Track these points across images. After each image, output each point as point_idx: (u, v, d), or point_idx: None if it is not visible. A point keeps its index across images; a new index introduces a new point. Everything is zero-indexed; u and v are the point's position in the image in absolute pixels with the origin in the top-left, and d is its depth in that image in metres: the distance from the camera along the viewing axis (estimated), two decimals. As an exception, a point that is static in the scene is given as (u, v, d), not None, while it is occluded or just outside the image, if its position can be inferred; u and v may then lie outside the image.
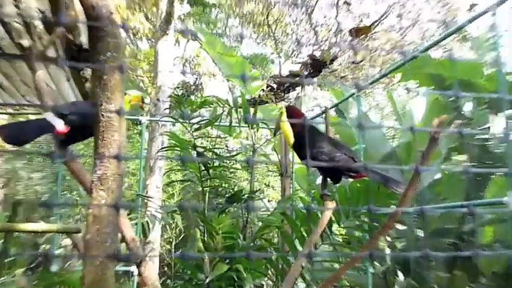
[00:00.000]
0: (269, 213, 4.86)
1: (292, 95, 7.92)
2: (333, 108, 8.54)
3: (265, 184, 12.88)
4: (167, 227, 10.59)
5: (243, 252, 4.15)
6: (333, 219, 4.07)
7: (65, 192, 9.60)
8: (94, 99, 2.45)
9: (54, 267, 6.88)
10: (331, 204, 3.27)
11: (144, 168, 7.86)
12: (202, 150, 4.46)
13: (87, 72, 3.87)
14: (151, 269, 8.04)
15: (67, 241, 9.22)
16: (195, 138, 4.49)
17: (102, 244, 2.33)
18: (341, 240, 5.38)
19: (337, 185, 3.48)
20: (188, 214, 5.58)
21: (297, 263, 3.26)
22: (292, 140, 3.28)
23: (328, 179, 3.32)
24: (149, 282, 3.01)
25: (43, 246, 9.74)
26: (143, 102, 3.80)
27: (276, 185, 12.26)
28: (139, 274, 3.01)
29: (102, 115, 2.39)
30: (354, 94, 6.33)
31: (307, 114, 9.38)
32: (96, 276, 2.28)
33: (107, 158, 2.36)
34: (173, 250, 10.76)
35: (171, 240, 10.65)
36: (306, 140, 3.18)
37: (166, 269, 10.80)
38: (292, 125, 3.27)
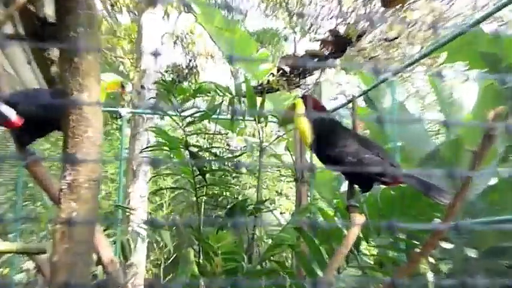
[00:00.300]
0: (281, 228, 4.86)
1: (310, 80, 7.91)
2: (361, 97, 8.52)
3: (276, 192, 12.89)
4: (154, 245, 10.63)
5: (248, 277, 4.16)
6: (361, 236, 4.06)
7: (26, 203, 9.65)
8: (62, 86, 2.45)
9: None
10: (359, 218, 3.26)
11: (125, 172, 7.89)
12: (197, 150, 4.46)
13: (54, 53, 3.87)
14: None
15: (29, 264, 9.27)
16: (187, 135, 4.50)
17: (72, 267, 2.33)
18: (371, 262, 5.38)
19: (367, 193, 3.47)
20: (180, 230, 5.59)
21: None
22: (310, 137, 3.28)
23: (356, 186, 3.31)
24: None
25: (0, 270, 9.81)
26: (123, 89, 3.81)
27: (290, 193, 12.26)
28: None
29: (73, 106, 2.39)
30: (387, 79, 6.31)
31: (329, 105, 9.38)
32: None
33: (79, 161, 2.36)
34: (161, 275, 10.80)
35: (159, 262, 10.68)
36: (326, 137, 3.18)
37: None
38: (309, 118, 3.26)
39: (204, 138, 11.88)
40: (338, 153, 3.13)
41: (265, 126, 5.92)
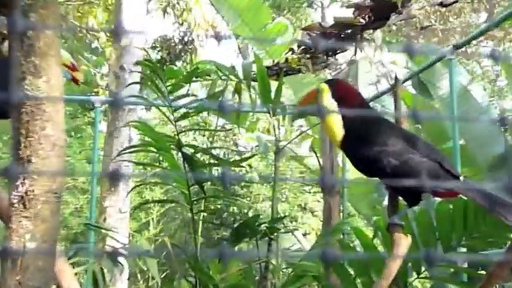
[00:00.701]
0: (304, 253, 4.86)
1: (343, 58, 7.90)
2: (410, 81, 8.49)
3: (298, 206, 12.91)
4: (138, 277, 10.69)
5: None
6: (409, 265, 4.05)
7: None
8: (12, 69, 2.47)
9: None
10: (404, 241, 3.25)
11: (99, 181, 7.92)
12: (193, 151, 4.47)
13: (2, 27, 3.90)
14: None
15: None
16: (180, 132, 4.51)
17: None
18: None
19: (416, 208, 3.47)
20: (171, 257, 5.61)
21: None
22: (340, 134, 3.27)
23: (400, 198, 3.31)
24: None
25: None
26: (73, 68, 3.81)
27: (317, 207, 12.28)
28: None
29: (27, 95, 2.40)
30: (444, 57, 6.28)
31: (367, 92, 9.38)
32: None
33: (34, 167, 2.37)
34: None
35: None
36: (361, 133, 3.18)
37: None
38: (338, 109, 3.26)
39: (204, 136, 11.94)
40: (377, 154, 3.13)
41: (283, 120, 5.91)
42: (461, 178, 3.26)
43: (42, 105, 2.41)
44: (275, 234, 5.02)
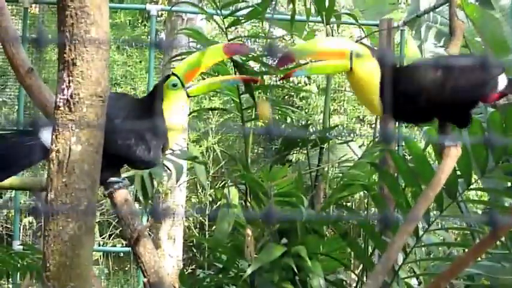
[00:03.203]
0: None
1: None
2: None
3: (357, 118, 12.82)
4: (197, 184, 10.83)
5: (309, 227, 4.20)
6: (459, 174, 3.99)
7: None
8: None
9: (16, 244, 7.26)
10: (454, 151, 3.21)
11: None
12: (244, 59, 4.44)
13: None
14: (175, 248, 8.31)
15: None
16: (231, 40, 4.48)
17: (73, 208, 2.39)
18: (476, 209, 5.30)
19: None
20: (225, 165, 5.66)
21: (395, 244, 3.25)
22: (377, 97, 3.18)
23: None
24: (151, 270, 3.10)
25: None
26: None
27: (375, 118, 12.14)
28: (137, 256, 3.11)
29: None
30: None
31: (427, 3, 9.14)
32: (63, 259, 2.36)
33: (78, 69, 2.37)
34: (206, 223, 11.05)
35: (201, 206, 10.90)
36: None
37: (195, 251, 11.15)
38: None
39: (263, 46, 11.81)
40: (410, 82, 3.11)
41: (338, 29, 5.81)
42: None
43: (86, 7, 2.39)
44: (326, 144, 5.01)
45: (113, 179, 3.22)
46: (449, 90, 3.05)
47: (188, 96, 3.33)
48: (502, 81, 3.16)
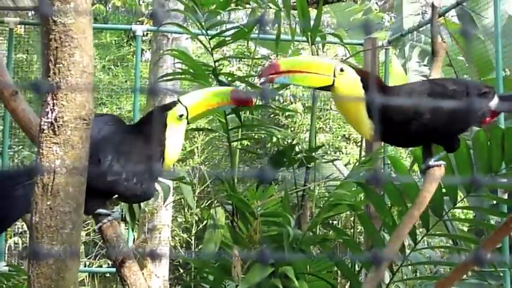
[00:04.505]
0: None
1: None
2: (454, 10, 8.29)
3: (342, 136, 12.83)
4: (183, 204, 10.79)
5: (296, 246, 4.19)
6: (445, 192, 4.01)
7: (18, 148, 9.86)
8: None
9: (2, 265, 7.19)
10: (438, 171, 3.23)
11: (142, 110, 7.95)
12: (230, 79, 4.44)
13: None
14: (161, 268, 8.28)
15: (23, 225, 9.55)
16: (216, 61, 4.48)
17: (58, 231, 2.38)
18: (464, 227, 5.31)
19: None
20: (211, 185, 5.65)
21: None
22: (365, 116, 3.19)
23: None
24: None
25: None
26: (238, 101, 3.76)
27: (362, 137, 12.15)
28: (122, 279, 3.08)
29: (54, 21, 2.38)
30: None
31: (411, 22, 9.19)
32: (49, 283, 2.34)
33: (63, 92, 2.37)
34: (192, 242, 11.02)
35: (187, 225, 10.87)
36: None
37: (181, 271, 11.10)
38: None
39: (249, 66, 11.83)
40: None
41: (323, 48, 5.83)
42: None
43: (70, 31, 2.39)
44: (313, 163, 5.01)
45: (102, 211, 3.19)
46: (440, 119, 3.09)
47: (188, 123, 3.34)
48: (494, 103, 3.19)
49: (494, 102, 3.19)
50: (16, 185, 3.01)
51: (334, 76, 3.16)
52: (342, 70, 3.15)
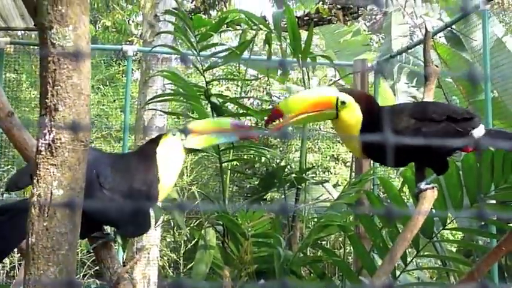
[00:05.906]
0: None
1: (375, 9, 7.81)
2: (442, 33, 8.37)
3: (331, 157, 12.86)
4: (172, 223, 10.77)
5: (287, 267, 4.20)
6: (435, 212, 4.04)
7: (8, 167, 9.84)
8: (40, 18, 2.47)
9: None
10: (430, 194, 3.25)
11: (131, 129, 7.93)
12: (221, 101, 4.47)
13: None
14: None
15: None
16: (208, 82, 4.51)
17: (54, 252, 2.38)
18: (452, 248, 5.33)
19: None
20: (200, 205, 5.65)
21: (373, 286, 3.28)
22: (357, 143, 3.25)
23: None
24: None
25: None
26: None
27: (351, 158, 12.17)
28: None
29: (53, 44, 2.41)
30: (478, 7, 6.18)
31: (400, 44, 9.27)
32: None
33: (60, 114, 2.39)
34: (181, 262, 10.98)
35: (175, 245, 10.82)
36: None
37: (171, 290, 11.03)
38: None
39: (239, 87, 11.86)
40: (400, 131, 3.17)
41: (313, 70, 5.88)
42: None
43: (69, 54, 2.41)
44: (303, 184, 5.03)
45: (96, 234, 3.22)
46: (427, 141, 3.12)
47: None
48: (478, 132, 3.21)
49: (478, 132, 3.19)
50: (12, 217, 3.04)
51: (337, 110, 3.21)
52: (343, 103, 3.20)
